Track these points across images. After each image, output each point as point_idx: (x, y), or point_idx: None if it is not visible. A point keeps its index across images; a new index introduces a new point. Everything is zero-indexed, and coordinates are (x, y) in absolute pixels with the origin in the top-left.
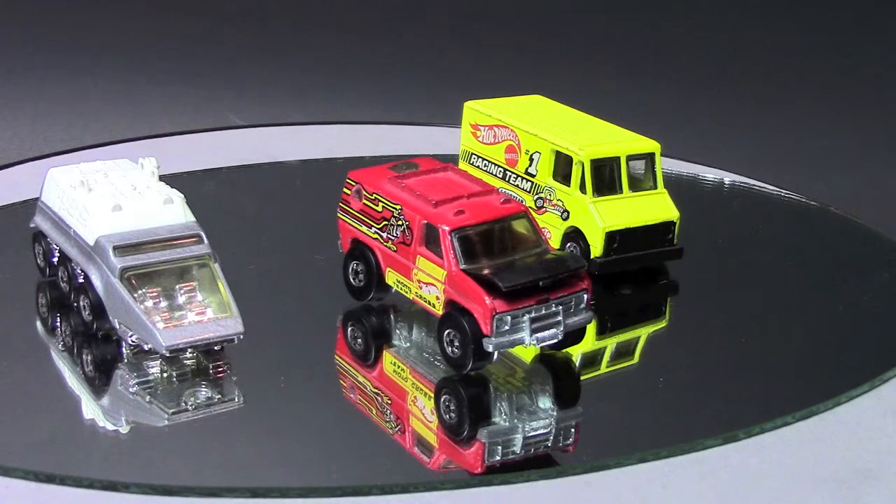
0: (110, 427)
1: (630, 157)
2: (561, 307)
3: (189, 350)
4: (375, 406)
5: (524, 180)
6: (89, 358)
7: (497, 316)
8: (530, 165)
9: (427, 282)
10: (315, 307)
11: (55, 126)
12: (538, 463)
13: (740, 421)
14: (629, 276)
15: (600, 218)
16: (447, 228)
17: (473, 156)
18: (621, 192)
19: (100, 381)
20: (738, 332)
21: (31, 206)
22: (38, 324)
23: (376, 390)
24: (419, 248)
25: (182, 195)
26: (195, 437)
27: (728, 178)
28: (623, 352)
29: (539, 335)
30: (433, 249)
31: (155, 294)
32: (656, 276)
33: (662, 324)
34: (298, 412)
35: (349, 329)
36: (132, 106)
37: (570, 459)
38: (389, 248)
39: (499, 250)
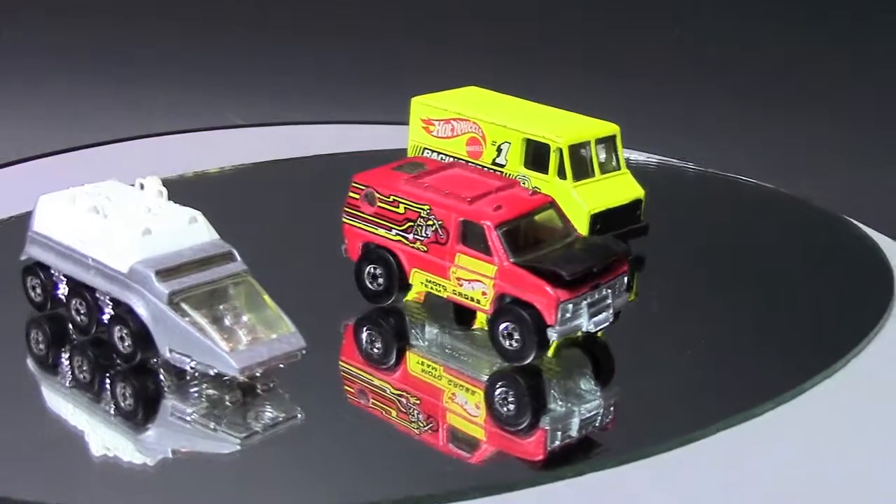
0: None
1: (598, 141)
2: (610, 291)
3: (258, 370)
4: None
5: (493, 171)
6: (128, 391)
7: (561, 304)
8: (498, 156)
9: (471, 279)
10: (315, 307)
11: (55, 126)
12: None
13: (740, 421)
14: None
15: (584, 202)
16: (491, 224)
17: (427, 150)
18: (593, 176)
19: (141, 415)
20: (738, 332)
21: (24, 218)
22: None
23: (398, 391)
24: (457, 245)
25: (200, 212)
26: (267, 459)
27: (727, 178)
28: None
29: (595, 319)
30: (474, 246)
31: (205, 316)
32: (640, 267)
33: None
34: (360, 423)
35: (363, 333)
36: (132, 106)
37: (570, 459)
38: (417, 248)
39: (538, 241)
